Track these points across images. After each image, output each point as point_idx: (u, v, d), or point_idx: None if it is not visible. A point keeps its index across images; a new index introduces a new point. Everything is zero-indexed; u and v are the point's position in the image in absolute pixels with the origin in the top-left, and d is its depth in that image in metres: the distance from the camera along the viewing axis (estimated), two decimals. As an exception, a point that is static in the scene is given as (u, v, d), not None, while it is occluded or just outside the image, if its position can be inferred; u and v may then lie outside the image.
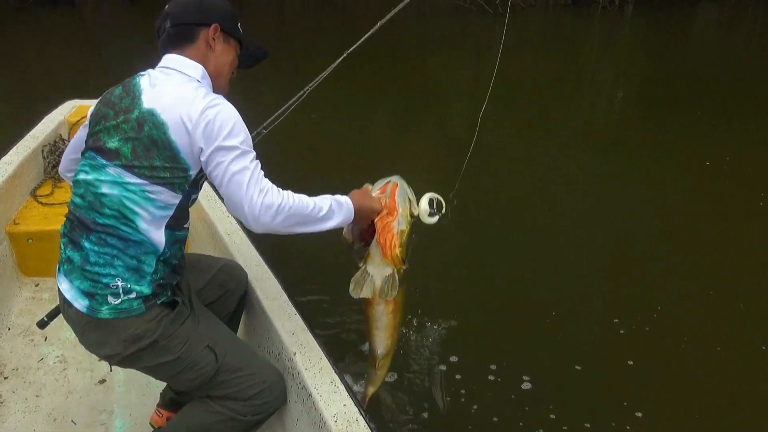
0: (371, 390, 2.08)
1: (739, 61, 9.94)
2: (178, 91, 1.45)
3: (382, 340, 1.89)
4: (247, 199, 1.39)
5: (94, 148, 1.50)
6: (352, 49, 2.57)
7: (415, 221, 1.74)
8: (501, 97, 7.86)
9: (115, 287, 1.47)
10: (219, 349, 1.63)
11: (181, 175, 1.45)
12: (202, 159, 1.42)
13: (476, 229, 4.10)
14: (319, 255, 3.37)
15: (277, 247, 2.72)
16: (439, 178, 4.93)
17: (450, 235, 3.97)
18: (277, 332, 1.87)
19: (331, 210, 1.54)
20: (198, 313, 1.70)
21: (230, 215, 2.57)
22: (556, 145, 5.85)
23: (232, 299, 2.01)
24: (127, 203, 1.45)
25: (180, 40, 1.55)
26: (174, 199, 1.49)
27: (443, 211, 1.76)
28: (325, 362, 1.71)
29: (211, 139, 1.39)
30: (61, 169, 1.81)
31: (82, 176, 1.51)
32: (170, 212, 1.50)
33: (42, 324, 1.74)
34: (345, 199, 1.60)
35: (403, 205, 1.71)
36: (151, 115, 1.42)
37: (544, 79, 8.50)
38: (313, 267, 3.48)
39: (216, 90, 1.56)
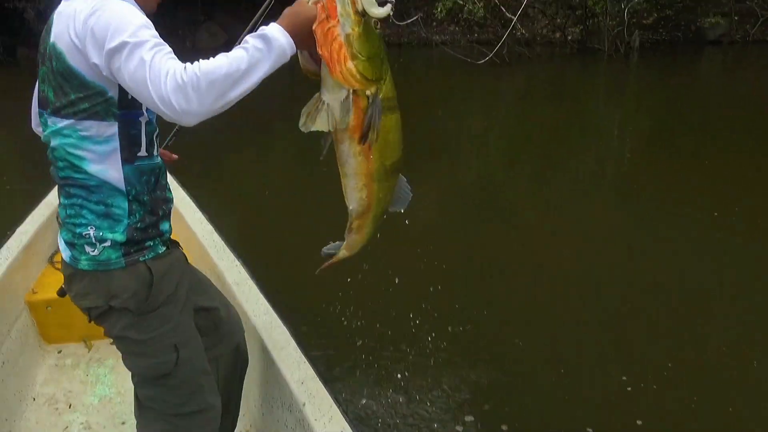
0: (342, 254, 1.69)
1: (747, 105, 10.00)
2: (69, 10, 1.30)
3: (352, 191, 1.51)
4: (157, 95, 1.17)
5: (39, 101, 1.46)
6: None
7: (366, 19, 1.29)
8: (508, 147, 7.95)
9: (87, 236, 1.42)
10: (182, 354, 1.55)
11: (100, 100, 1.33)
12: (105, 74, 1.27)
13: (483, 277, 4.12)
14: (330, 300, 3.39)
15: (286, 294, 2.76)
16: (450, 227, 5.02)
17: (455, 279, 4.00)
18: (286, 382, 1.85)
19: (256, 52, 1.23)
20: (183, 304, 1.60)
21: (238, 264, 2.61)
22: (563, 195, 5.87)
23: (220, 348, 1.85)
24: (70, 149, 1.38)
25: None
26: (109, 128, 1.37)
27: None
28: (335, 410, 1.69)
29: (100, 47, 1.23)
30: (33, 125, 1.68)
31: (43, 135, 1.47)
32: (115, 144, 1.39)
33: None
34: (271, 29, 1.27)
35: (341, 1, 1.27)
36: (53, 47, 1.32)
37: (550, 128, 8.59)
38: (323, 314, 3.48)
39: (146, 6, 1.42)
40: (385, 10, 1.29)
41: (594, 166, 7.20)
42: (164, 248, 1.54)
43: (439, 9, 14.08)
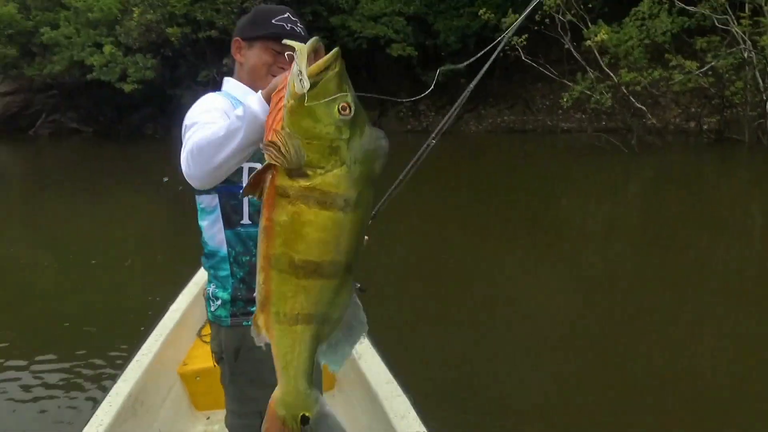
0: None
1: None
2: None
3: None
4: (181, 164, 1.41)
5: None
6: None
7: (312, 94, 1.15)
8: (635, 236, 7.63)
9: (209, 293, 1.70)
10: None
11: None
12: None
13: (606, 367, 3.91)
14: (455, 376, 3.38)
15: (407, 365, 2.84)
16: (573, 319, 4.85)
17: (579, 366, 3.84)
18: None
19: (235, 119, 1.30)
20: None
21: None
22: (693, 300, 5.36)
23: None
24: (198, 221, 1.68)
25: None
26: (213, 200, 1.63)
27: (332, 67, 1.15)
28: None
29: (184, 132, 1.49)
30: None
31: None
32: (218, 213, 1.63)
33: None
34: (250, 96, 1.32)
35: (291, 72, 1.16)
36: None
37: (682, 219, 8.17)
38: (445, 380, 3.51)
39: (253, 85, 1.67)
40: (303, 86, 1.13)
41: (733, 264, 6.67)
42: None
43: (565, 99, 14.10)
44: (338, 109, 1.15)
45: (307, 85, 1.12)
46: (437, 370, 4.03)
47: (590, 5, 14.72)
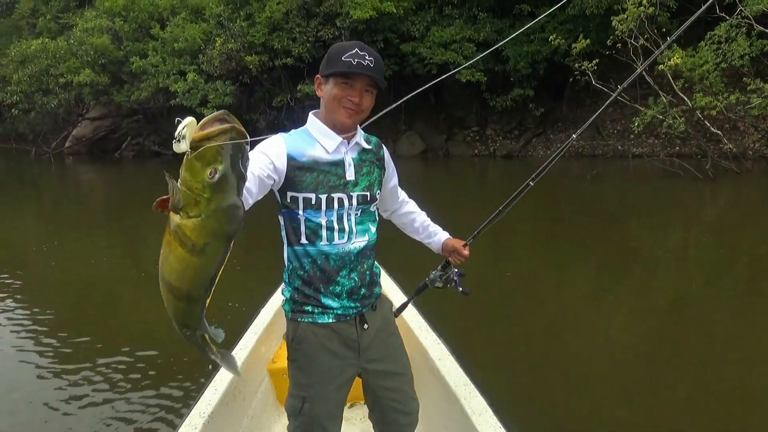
0: None
1: None
2: None
3: None
4: None
5: None
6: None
7: (189, 154, 1.37)
8: (707, 265, 7.48)
9: (282, 290, 2.11)
10: (306, 408, 2.04)
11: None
12: None
13: (676, 400, 3.93)
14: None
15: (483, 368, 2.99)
16: (641, 343, 4.86)
17: (652, 395, 3.87)
18: None
19: None
20: (327, 372, 2.05)
21: (440, 342, 3.08)
22: None
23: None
24: None
25: None
26: (281, 221, 1.99)
27: (214, 138, 1.34)
28: None
29: None
30: None
31: None
32: (283, 232, 2.01)
33: None
34: None
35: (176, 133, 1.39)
36: None
37: (758, 250, 7.93)
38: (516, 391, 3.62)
39: (337, 123, 1.94)
40: (179, 147, 1.35)
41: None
42: (329, 319, 2.04)
43: (636, 123, 13.93)
44: (208, 172, 1.36)
45: (185, 147, 1.34)
46: (509, 381, 4.17)
47: (664, 29, 14.54)
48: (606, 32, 14.55)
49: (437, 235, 2.45)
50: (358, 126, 2.04)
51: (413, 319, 3.35)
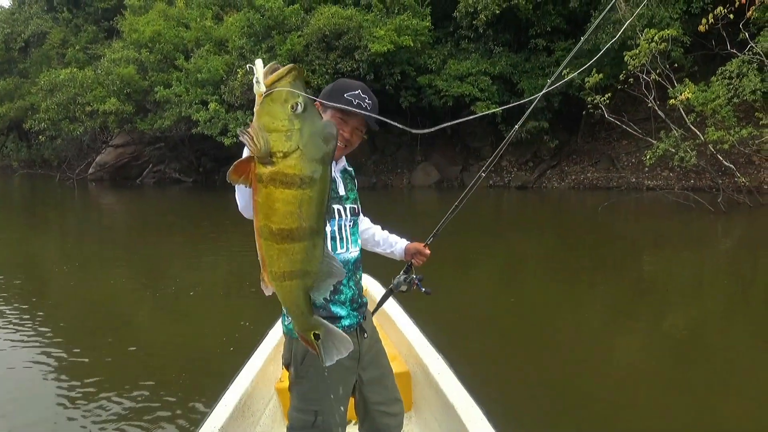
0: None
1: None
2: None
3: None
4: None
5: None
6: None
7: (265, 100, 1.50)
8: (722, 299, 7.47)
9: (283, 311, 2.12)
10: (319, 420, 2.13)
11: None
12: None
13: None
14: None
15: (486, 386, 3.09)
16: (655, 379, 4.78)
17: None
18: None
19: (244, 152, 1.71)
20: (335, 384, 2.15)
21: (439, 357, 3.19)
22: None
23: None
24: None
25: None
26: None
27: (285, 77, 1.48)
28: None
29: None
30: None
31: None
32: None
33: None
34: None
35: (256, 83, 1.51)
36: None
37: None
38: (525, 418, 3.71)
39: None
40: (259, 88, 1.48)
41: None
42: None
43: (648, 156, 14.05)
44: (290, 106, 1.47)
45: (263, 88, 1.46)
46: (518, 406, 4.24)
47: (676, 64, 14.73)
48: (620, 66, 14.76)
49: (398, 243, 2.63)
50: None
51: (417, 339, 3.48)
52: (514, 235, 12.43)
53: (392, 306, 3.89)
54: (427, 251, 2.62)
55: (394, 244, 2.62)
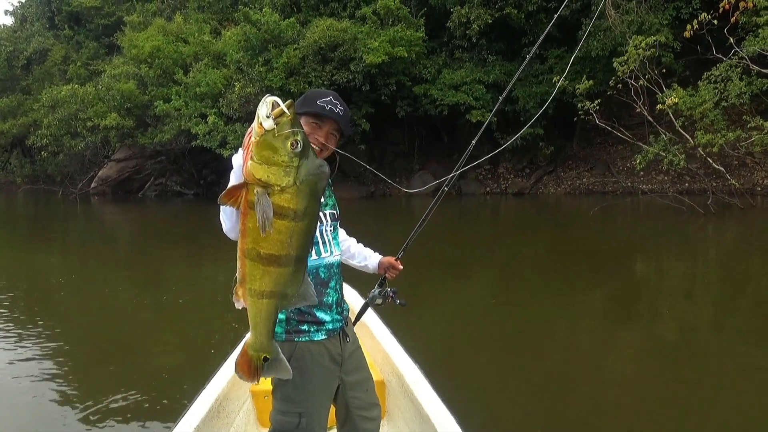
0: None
1: None
2: None
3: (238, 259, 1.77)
4: None
5: None
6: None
7: (267, 135, 1.59)
8: (714, 302, 7.52)
9: None
10: (303, 422, 2.15)
11: None
12: None
13: None
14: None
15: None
16: (647, 384, 4.68)
17: None
18: None
19: (231, 174, 1.82)
20: (319, 386, 2.18)
21: (416, 368, 3.22)
22: None
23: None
24: None
25: None
26: None
27: (288, 112, 1.58)
28: None
29: None
30: None
31: None
32: None
33: None
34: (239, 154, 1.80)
35: (257, 115, 1.61)
36: None
37: (762, 284, 8.03)
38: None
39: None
40: (269, 123, 1.56)
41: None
42: (322, 336, 2.19)
43: (638, 161, 14.26)
44: (290, 144, 1.58)
45: (272, 125, 1.56)
46: (506, 417, 4.25)
47: (665, 70, 14.95)
48: (612, 72, 14.99)
49: (372, 257, 2.67)
50: None
51: (392, 348, 3.54)
52: (508, 241, 12.61)
53: (369, 315, 3.84)
54: (400, 265, 2.66)
55: (368, 257, 2.67)
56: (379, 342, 3.69)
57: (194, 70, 21.99)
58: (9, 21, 40.52)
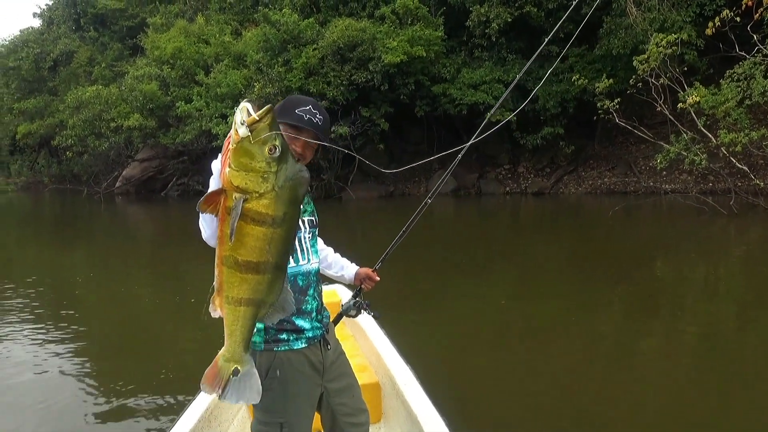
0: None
1: None
2: None
3: (215, 267, 1.72)
4: None
5: None
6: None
7: (244, 142, 1.56)
8: (739, 303, 7.39)
9: None
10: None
11: None
12: None
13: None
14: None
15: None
16: (670, 387, 4.63)
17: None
18: None
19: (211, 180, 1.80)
20: (301, 395, 2.13)
21: (408, 370, 3.21)
22: None
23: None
24: None
25: None
26: None
27: (264, 120, 1.54)
28: None
29: None
30: None
31: None
32: None
33: None
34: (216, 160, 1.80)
35: (234, 122, 1.58)
36: None
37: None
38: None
39: None
40: (243, 131, 1.53)
41: None
42: (302, 344, 2.15)
43: (659, 160, 14.05)
44: (268, 149, 1.55)
45: (246, 132, 1.52)
46: (531, 418, 4.21)
47: (686, 68, 14.71)
48: (633, 71, 14.78)
49: (349, 267, 2.64)
50: None
51: (387, 351, 3.53)
52: (526, 242, 12.53)
53: (365, 317, 3.84)
54: (377, 277, 2.62)
55: (344, 267, 2.64)
56: (373, 344, 3.68)
57: (215, 71, 22.20)
58: (37, 23, 41.22)
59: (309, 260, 2.22)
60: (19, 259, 12.96)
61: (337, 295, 4.20)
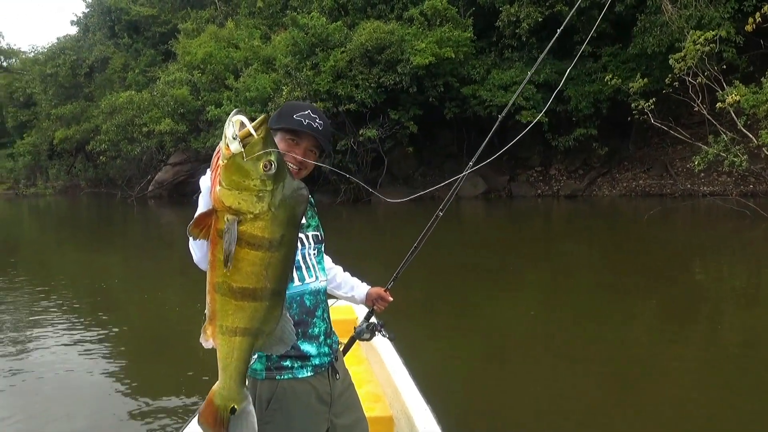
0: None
1: None
2: None
3: (207, 294, 1.57)
4: None
5: None
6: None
7: (236, 158, 1.41)
8: None
9: None
10: None
11: None
12: None
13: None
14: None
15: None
16: (710, 395, 4.54)
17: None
18: None
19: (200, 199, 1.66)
20: (305, 420, 1.92)
21: (426, 407, 2.98)
22: None
23: None
24: None
25: None
26: None
27: (255, 134, 1.39)
28: None
29: None
30: None
31: None
32: None
33: None
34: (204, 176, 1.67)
35: (224, 136, 1.42)
36: None
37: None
38: None
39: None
40: (235, 146, 1.38)
41: None
42: (308, 372, 1.95)
43: (697, 162, 13.59)
44: (263, 165, 1.40)
45: (239, 148, 1.38)
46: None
47: (725, 66, 14.21)
48: (669, 70, 14.35)
49: (359, 287, 2.46)
50: None
51: (404, 382, 3.29)
52: (560, 246, 12.22)
53: (382, 342, 3.59)
54: (390, 297, 2.44)
55: (355, 287, 2.45)
56: (390, 374, 3.40)
57: (244, 75, 22.32)
58: (74, 31, 42.15)
59: (317, 278, 2.04)
60: (56, 262, 13.23)
61: (353, 312, 3.94)
